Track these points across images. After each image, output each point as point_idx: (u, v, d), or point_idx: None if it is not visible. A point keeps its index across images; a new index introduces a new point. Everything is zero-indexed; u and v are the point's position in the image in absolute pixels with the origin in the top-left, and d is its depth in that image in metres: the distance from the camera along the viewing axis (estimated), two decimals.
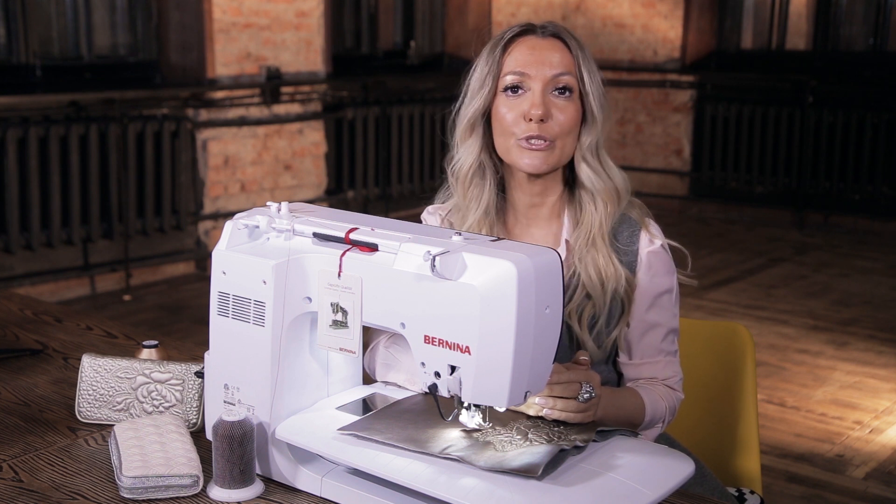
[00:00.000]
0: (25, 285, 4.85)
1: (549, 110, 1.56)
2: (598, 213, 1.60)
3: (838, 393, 3.85)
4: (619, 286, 1.59)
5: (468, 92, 1.65)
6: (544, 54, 1.58)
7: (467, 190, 1.65)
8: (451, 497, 1.18)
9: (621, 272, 1.59)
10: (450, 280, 1.19)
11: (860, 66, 6.78)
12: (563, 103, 1.57)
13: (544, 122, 1.56)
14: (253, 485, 1.33)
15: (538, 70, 1.57)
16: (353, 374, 1.45)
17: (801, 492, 3.04)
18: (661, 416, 1.62)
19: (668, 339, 1.65)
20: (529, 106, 1.56)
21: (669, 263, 1.65)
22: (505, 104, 1.59)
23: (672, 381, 1.65)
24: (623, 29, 7.57)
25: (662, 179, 7.51)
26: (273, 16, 5.70)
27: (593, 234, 1.60)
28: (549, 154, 1.57)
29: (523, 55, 1.59)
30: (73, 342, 1.95)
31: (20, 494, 1.33)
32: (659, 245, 1.63)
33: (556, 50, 1.59)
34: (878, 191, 6.55)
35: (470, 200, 1.65)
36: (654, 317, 1.63)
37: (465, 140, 1.66)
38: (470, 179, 1.65)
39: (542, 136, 1.56)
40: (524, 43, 1.60)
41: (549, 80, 1.57)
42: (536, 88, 1.57)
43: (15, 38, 5.01)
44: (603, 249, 1.59)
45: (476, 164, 1.64)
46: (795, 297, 5.20)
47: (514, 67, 1.58)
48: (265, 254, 1.32)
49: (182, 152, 5.38)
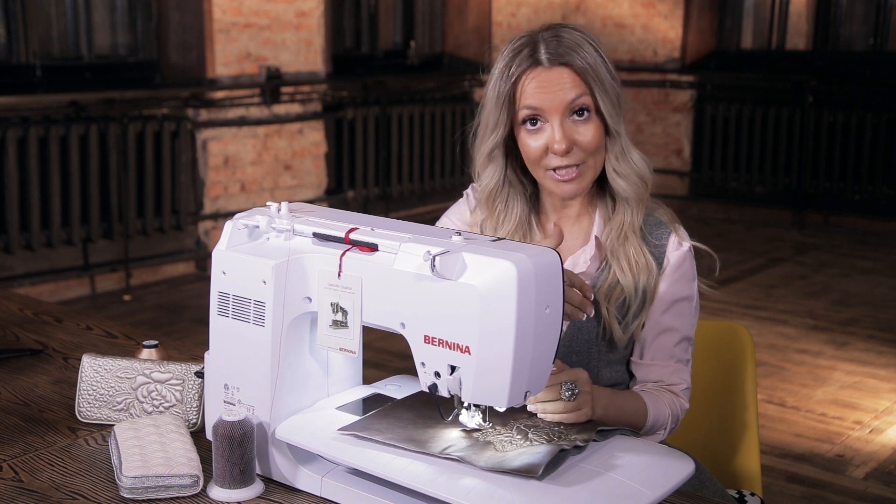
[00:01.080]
0: (25, 285, 4.85)
1: (572, 139, 1.56)
2: (630, 209, 1.62)
3: (838, 393, 3.85)
4: (650, 277, 1.61)
5: (481, 126, 1.64)
6: (553, 86, 1.56)
7: (493, 209, 1.68)
8: (451, 497, 1.18)
9: (652, 263, 1.62)
10: (450, 280, 1.19)
11: (860, 66, 6.78)
12: (584, 126, 1.57)
13: (570, 152, 1.57)
14: (253, 485, 1.33)
15: (551, 102, 1.56)
16: (353, 374, 1.45)
17: (801, 492, 3.04)
18: (663, 422, 1.61)
19: (682, 346, 1.65)
20: (551, 141, 1.56)
21: (693, 270, 1.66)
22: (527, 135, 1.59)
23: (678, 387, 1.65)
24: (623, 29, 7.57)
25: (662, 179, 7.51)
26: (273, 16, 5.70)
27: (625, 230, 1.62)
28: (582, 179, 1.59)
29: (533, 91, 1.57)
30: (73, 342, 1.95)
31: (20, 494, 1.33)
32: (687, 248, 1.65)
33: (566, 75, 1.56)
34: (878, 191, 6.55)
35: (499, 216, 1.67)
36: (669, 321, 1.64)
37: (485, 167, 1.67)
38: (494, 200, 1.67)
39: (572, 163, 1.57)
40: (532, 79, 1.57)
41: (565, 109, 1.56)
42: (555, 122, 1.56)
43: (15, 38, 5.01)
44: (634, 242, 1.62)
45: (501, 185, 1.66)
46: (795, 297, 5.20)
47: (528, 104, 1.57)
48: (265, 254, 1.32)
49: (182, 152, 5.38)
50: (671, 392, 1.64)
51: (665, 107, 7.48)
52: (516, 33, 1.65)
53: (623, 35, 7.56)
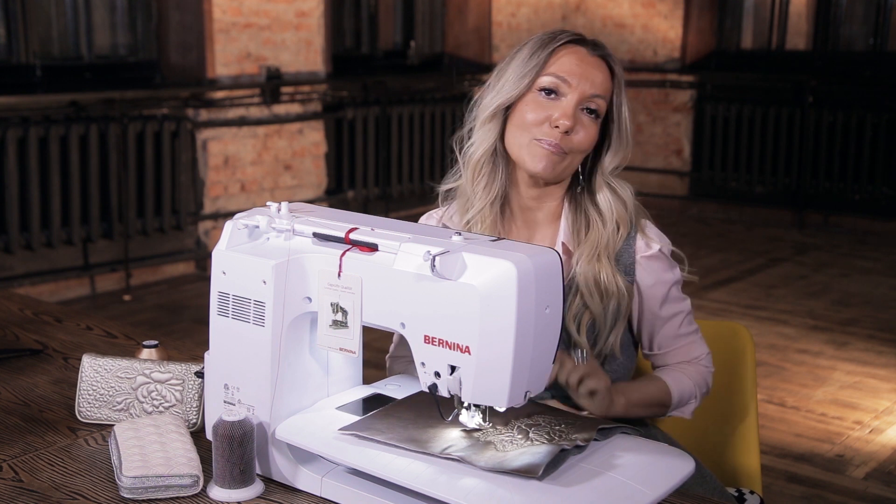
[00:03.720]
0: (25, 285, 4.85)
1: (576, 125, 1.57)
2: (608, 231, 1.61)
3: (838, 393, 3.85)
4: (620, 302, 1.61)
5: (502, 79, 1.62)
6: (590, 70, 1.58)
7: (476, 176, 1.65)
8: (452, 497, 1.18)
9: (623, 290, 1.61)
10: (450, 280, 1.19)
11: (860, 66, 6.78)
12: (588, 122, 1.58)
13: (567, 135, 1.56)
14: (253, 485, 1.33)
15: (580, 82, 1.57)
16: (353, 374, 1.45)
17: (801, 492, 3.04)
18: (689, 392, 1.65)
19: (685, 322, 1.68)
20: (560, 115, 1.56)
21: (668, 261, 1.66)
22: (534, 102, 1.58)
23: (700, 359, 1.68)
24: (623, 29, 7.57)
25: (662, 179, 7.51)
26: (273, 16, 5.70)
27: (599, 251, 1.60)
28: (559, 162, 1.58)
29: (570, 63, 1.58)
30: (73, 342, 1.95)
31: (20, 494, 1.33)
32: (657, 250, 1.64)
33: (601, 71, 1.59)
34: (878, 191, 6.55)
35: (477, 187, 1.64)
36: (667, 311, 1.66)
37: (485, 125, 1.64)
38: (481, 167, 1.65)
39: (560, 145, 1.56)
40: (574, 52, 1.59)
41: (585, 97, 1.57)
42: (571, 100, 1.57)
43: (15, 38, 5.01)
44: (607, 267, 1.60)
45: (490, 151, 1.64)
46: (795, 297, 5.20)
47: (558, 71, 1.57)
48: (265, 254, 1.32)
49: (182, 152, 5.38)
50: (693, 365, 1.68)
51: (665, 107, 7.48)
52: (516, 33, 1.66)
53: (623, 35, 7.56)
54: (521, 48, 1.62)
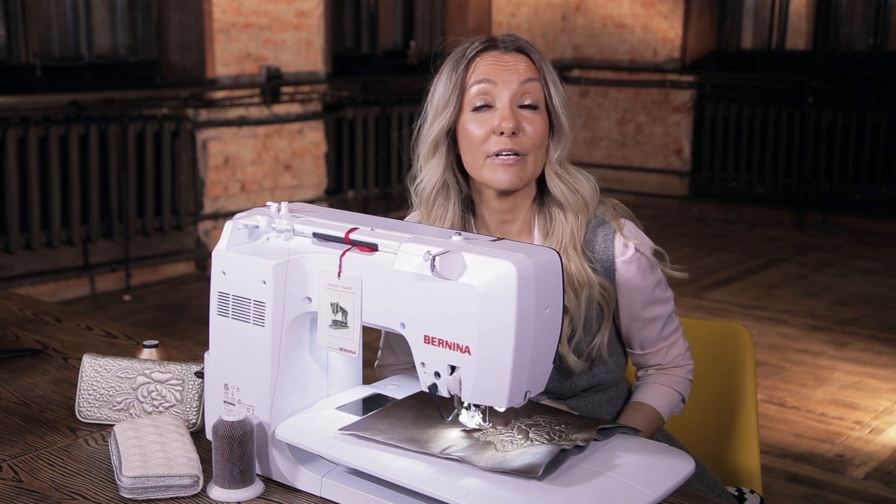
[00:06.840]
0: (25, 285, 4.85)
1: (520, 123, 1.54)
2: (569, 223, 1.58)
3: (838, 393, 3.85)
4: (593, 293, 1.58)
5: (431, 110, 1.61)
6: (509, 66, 1.55)
7: (431, 210, 1.65)
8: (452, 497, 1.18)
9: (594, 280, 1.58)
10: (450, 280, 1.19)
11: (860, 66, 6.78)
12: (532, 116, 1.55)
13: (515, 136, 1.53)
14: (253, 485, 1.33)
15: (505, 79, 1.54)
16: (353, 374, 1.45)
17: (801, 492, 3.04)
18: (676, 401, 1.67)
19: (668, 324, 1.68)
20: (500, 120, 1.53)
21: (647, 262, 1.63)
22: (473, 121, 1.56)
23: (678, 359, 1.69)
24: (623, 29, 7.57)
25: (662, 179, 7.51)
26: (273, 16, 5.70)
27: (565, 243, 1.58)
28: (522, 169, 1.55)
29: (488, 67, 1.56)
30: (73, 342, 1.95)
31: (20, 494, 1.33)
32: (634, 251, 1.61)
33: (522, 62, 1.57)
34: (878, 191, 6.55)
35: (434, 220, 1.64)
36: (650, 313, 1.65)
37: (429, 160, 1.63)
38: (433, 199, 1.64)
39: (515, 149, 1.53)
40: (488, 57, 1.57)
41: (517, 90, 1.54)
42: (504, 101, 1.54)
43: (15, 38, 5.01)
44: (575, 259, 1.58)
45: (440, 184, 1.63)
46: (795, 297, 5.20)
47: (481, 77, 1.55)
48: (265, 254, 1.32)
49: (182, 152, 5.38)
50: (670, 372, 1.69)
51: (665, 107, 7.48)
52: (516, 33, 1.65)
53: (623, 35, 7.56)
54: (440, 73, 1.60)
